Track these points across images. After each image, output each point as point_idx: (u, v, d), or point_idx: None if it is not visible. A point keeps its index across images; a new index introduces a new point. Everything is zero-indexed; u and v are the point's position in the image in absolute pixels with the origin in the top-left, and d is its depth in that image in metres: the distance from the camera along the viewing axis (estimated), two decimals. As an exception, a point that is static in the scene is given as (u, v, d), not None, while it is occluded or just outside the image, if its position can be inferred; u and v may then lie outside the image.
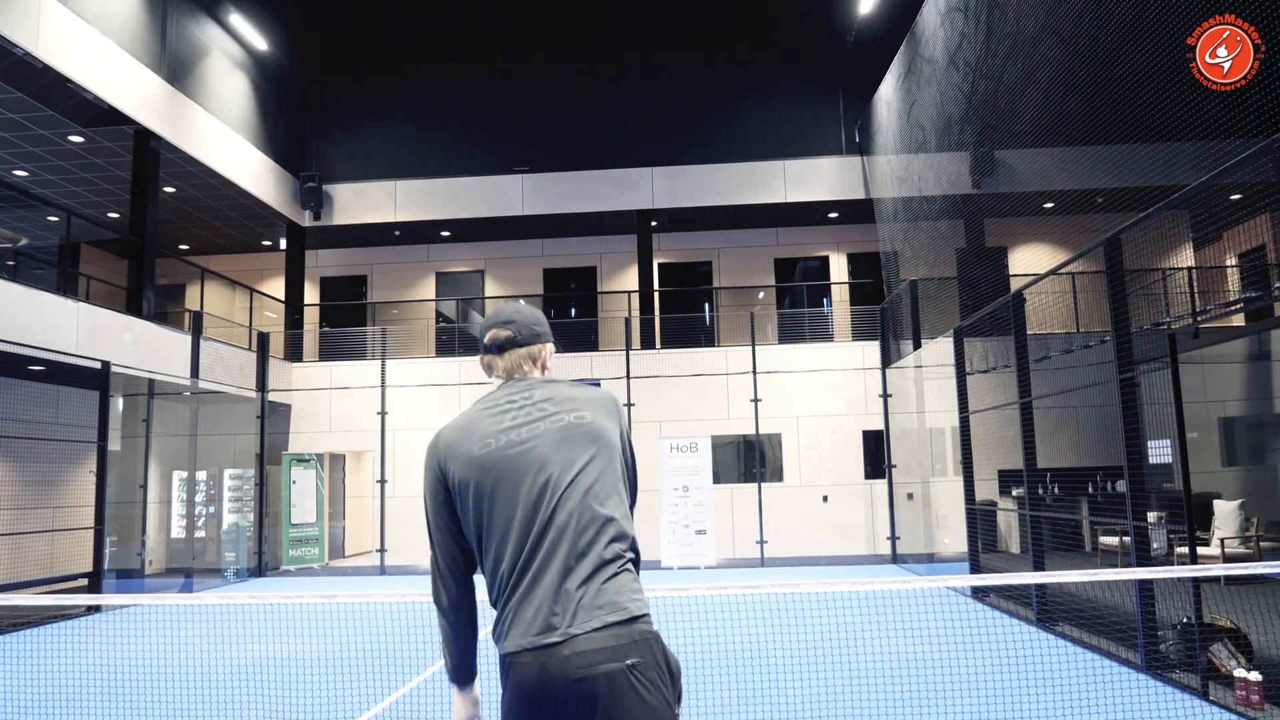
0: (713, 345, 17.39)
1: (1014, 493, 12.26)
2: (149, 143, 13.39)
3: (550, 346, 2.28)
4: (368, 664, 7.19)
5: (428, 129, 18.43)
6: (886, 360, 15.85)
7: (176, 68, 14.21)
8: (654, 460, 14.55)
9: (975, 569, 10.46)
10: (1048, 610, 8.45)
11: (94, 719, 5.74)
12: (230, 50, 16.17)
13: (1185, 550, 6.45)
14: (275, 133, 17.41)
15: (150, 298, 13.22)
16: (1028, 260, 16.80)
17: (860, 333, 16.92)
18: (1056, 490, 13.37)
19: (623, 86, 18.09)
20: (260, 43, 16.54)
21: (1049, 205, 14.18)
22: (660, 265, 18.97)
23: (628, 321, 16.52)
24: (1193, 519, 6.12)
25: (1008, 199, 12.75)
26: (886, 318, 15.97)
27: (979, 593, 10.34)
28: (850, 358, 15.94)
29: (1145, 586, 6.52)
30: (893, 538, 15.13)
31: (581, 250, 19.31)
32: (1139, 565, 6.68)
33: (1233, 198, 7.56)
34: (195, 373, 13.79)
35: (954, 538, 13.44)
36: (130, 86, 12.80)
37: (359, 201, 17.96)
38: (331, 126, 18.69)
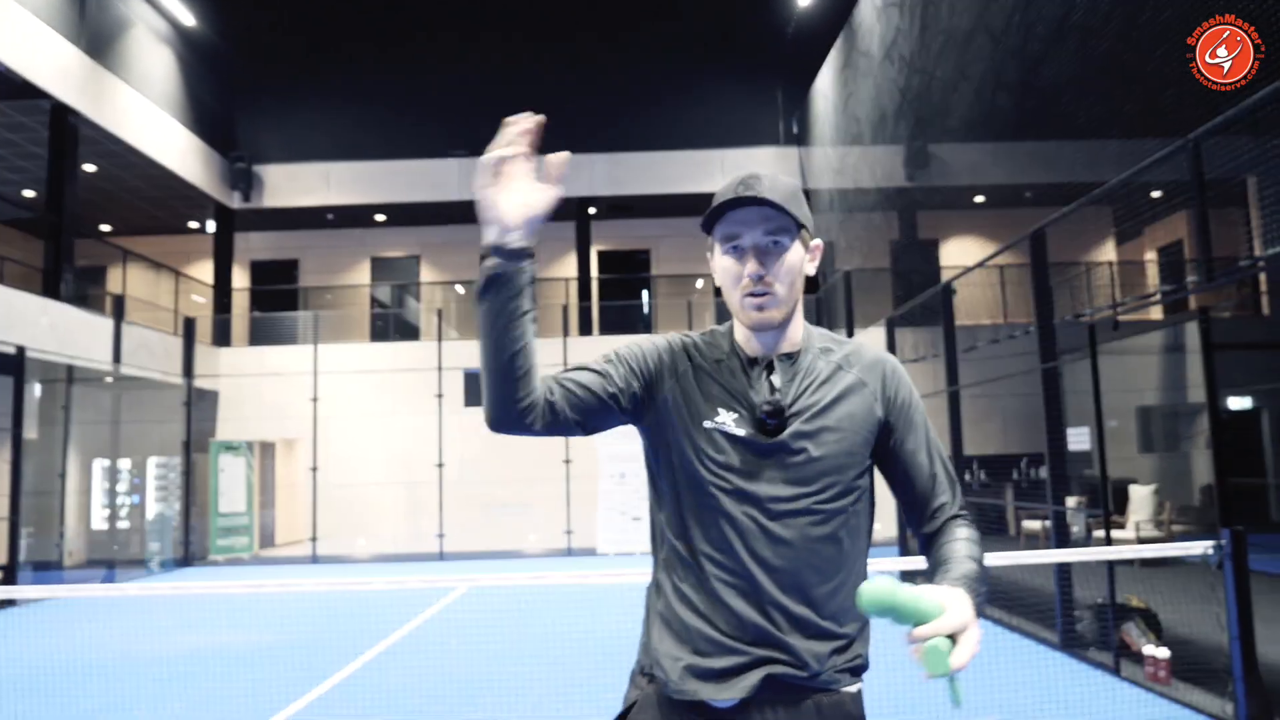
0: (651, 332, 17.44)
1: (942, 479, 12.55)
2: (67, 118, 12.89)
3: None
4: (296, 655, 7.08)
5: (363, 110, 18.08)
6: (821, 349, 16.07)
7: (97, 41, 13.68)
8: (591, 447, 14.56)
9: (904, 553, 10.70)
10: (972, 593, 8.68)
11: (12, 718, 5.56)
12: (155, 24, 15.64)
13: (1102, 534, 6.70)
14: (203, 111, 16.91)
15: (69, 280, 12.76)
16: (959, 253, 17.20)
17: (795, 322, 17.13)
18: (983, 476, 13.75)
19: (563, 72, 17.97)
20: (187, 17, 16.02)
21: (980, 199, 14.52)
22: (599, 253, 18.95)
23: (565, 309, 16.47)
24: (1109, 504, 6.35)
25: (940, 192, 13.04)
26: (822, 307, 16.20)
27: (907, 577, 10.59)
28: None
29: (1063, 569, 6.75)
30: (825, 524, 15.38)
31: (519, 236, 19.14)
32: (1058, 548, 6.91)
33: (1153, 195, 7.83)
34: (117, 358, 13.37)
35: (885, 523, 13.73)
36: (46, 59, 12.29)
37: (291, 183, 17.56)
38: (263, 106, 18.21)
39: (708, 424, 1.56)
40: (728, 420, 1.55)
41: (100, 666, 6.99)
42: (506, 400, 1.48)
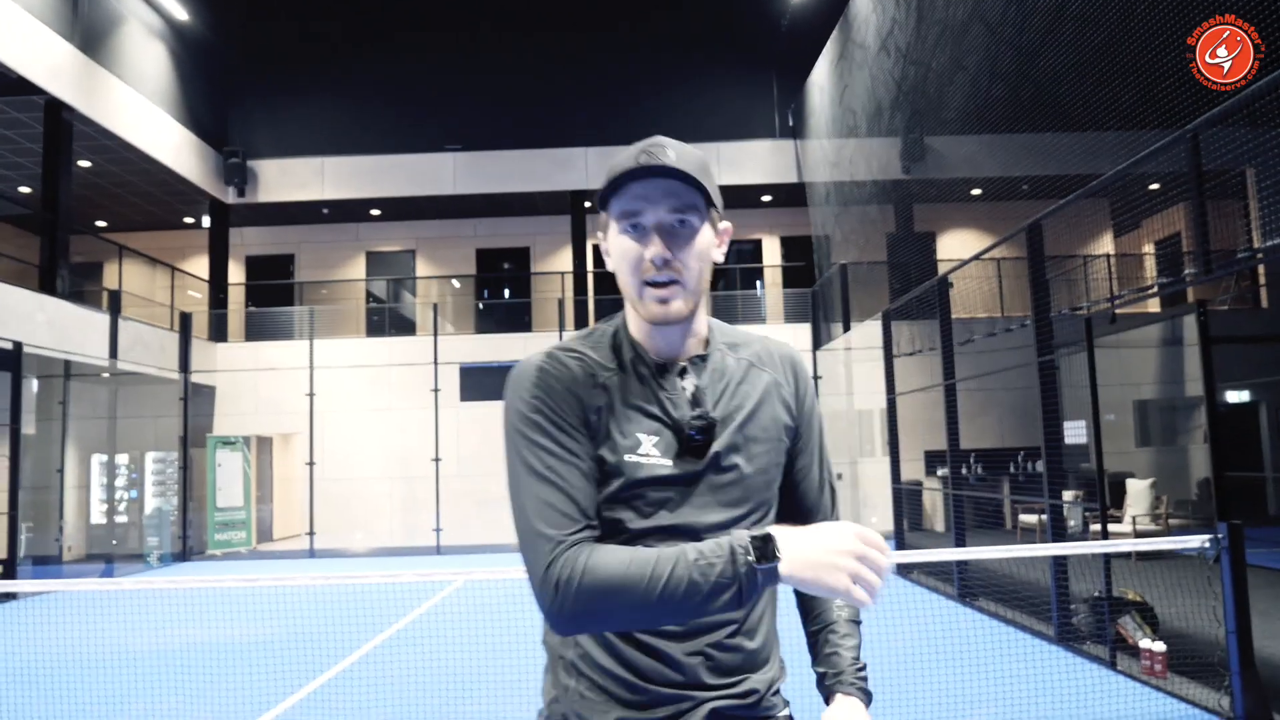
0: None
1: (939, 472, 12.56)
2: (61, 114, 12.84)
3: None
4: (294, 648, 7.07)
5: (357, 105, 18.02)
6: (817, 342, 16.08)
7: (90, 36, 13.63)
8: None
9: (900, 547, 10.70)
10: (968, 586, 8.70)
11: (11, 710, 5.55)
12: (148, 19, 15.57)
13: (1098, 527, 6.69)
14: (197, 106, 16.86)
15: (65, 276, 12.72)
16: (955, 245, 17.17)
17: (792, 315, 17.13)
18: (980, 470, 13.75)
19: (557, 65, 17.92)
20: (180, 12, 15.96)
21: (977, 192, 14.49)
22: (595, 246, 18.91)
23: (561, 303, 16.45)
24: (1105, 497, 6.34)
25: (936, 185, 13.01)
26: (818, 300, 16.19)
27: (903, 570, 10.58)
28: (782, 340, 16.08)
29: (1059, 562, 6.75)
30: (823, 517, 15.37)
31: (515, 231, 19.14)
32: (1054, 542, 6.91)
33: (1151, 187, 7.81)
34: (114, 353, 13.34)
35: (881, 517, 13.73)
36: (40, 55, 12.24)
37: (285, 178, 17.51)
38: (257, 100, 18.15)
39: (630, 457, 1.31)
40: (649, 446, 1.31)
41: (99, 660, 6.98)
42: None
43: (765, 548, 1.18)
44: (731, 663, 1.35)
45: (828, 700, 1.41)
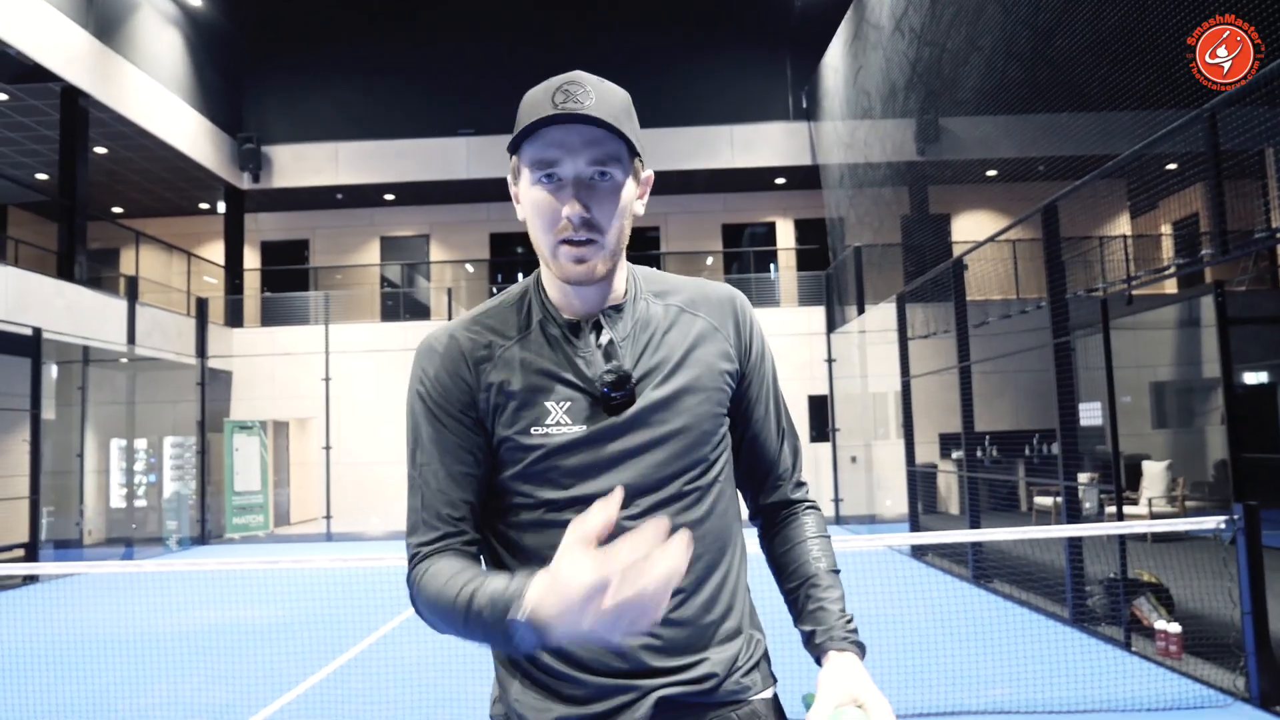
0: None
1: (953, 455, 12.55)
2: (77, 101, 12.91)
3: None
4: (313, 630, 7.16)
5: (370, 90, 18.03)
6: (831, 325, 16.04)
7: (105, 23, 13.67)
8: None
9: (915, 529, 10.71)
10: (983, 568, 8.71)
11: (36, 688, 5.65)
12: (162, 6, 15.61)
13: (1114, 509, 6.69)
14: (211, 92, 16.90)
15: (83, 262, 12.82)
16: (971, 227, 17.07)
17: (806, 298, 17.09)
18: (995, 453, 13.72)
19: (569, 48, 17.86)
20: (194, -2, 15.99)
21: (992, 173, 14.39)
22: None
23: (576, 287, 16.47)
24: (1121, 479, 6.33)
25: (951, 166, 12.93)
26: (832, 283, 16.14)
27: (918, 552, 10.60)
28: (796, 323, 16.10)
29: (1074, 544, 6.75)
30: (836, 500, 15.41)
31: (529, 215, 19.11)
32: (1069, 524, 6.90)
33: (1168, 167, 7.74)
34: (132, 339, 13.46)
35: (895, 499, 13.74)
36: (56, 42, 12.30)
37: (299, 164, 17.56)
38: (270, 86, 18.19)
39: (535, 430, 1.21)
40: (559, 414, 1.21)
41: (121, 641, 7.09)
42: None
43: (510, 621, 1.02)
44: (681, 641, 1.21)
45: (819, 660, 1.27)
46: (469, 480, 1.24)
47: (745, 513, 1.42)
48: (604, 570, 0.93)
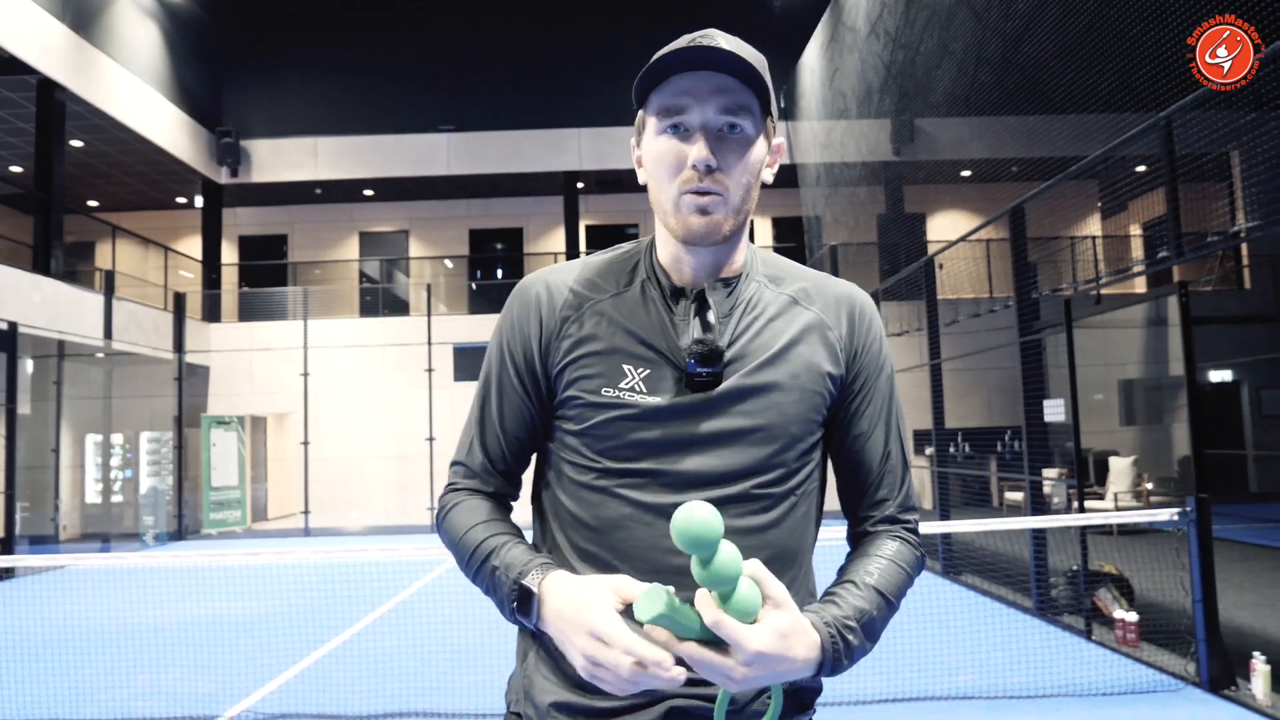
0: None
1: (926, 451, 12.75)
2: (53, 94, 12.85)
3: None
4: (291, 624, 7.23)
5: (350, 84, 18.02)
6: (808, 323, 16.19)
7: (82, 16, 13.60)
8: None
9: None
10: (952, 561, 8.91)
11: (16, 681, 5.70)
12: (140, -2, 15.54)
13: (1078, 504, 6.89)
14: (189, 86, 16.84)
15: (59, 255, 12.77)
16: (945, 227, 17.30)
17: (783, 296, 17.23)
18: (967, 449, 13.95)
19: (550, 46, 17.93)
20: (172, -9, 15.92)
21: (966, 173, 14.60)
22: (587, 227, 18.99)
23: (555, 283, 16.53)
24: (1082, 474, 6.52)
25: (926, 167, 13.13)
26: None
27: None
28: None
29: (1038, 536, 6.94)
30: (812, 495, 15.56)
31: (508, 211, 19.21)
32: (1033, 516, 7.09)
33: (1138, 169, 7.94)
34: (108, 333, 13.42)
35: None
36: (31, 34, 12.24)
37: (278, 159, 17.52)
38: (249, 80, 18.13)
39: (607, 392, 1.14)
40: (636, 380, 1.14)
41: (101, 634, 7.13)
42: None
43: (525, 603, 1.07)
44: None
45: None
46: (517, 445, 1.23)
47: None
48: (625, 654, 0.93)
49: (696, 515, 0.90)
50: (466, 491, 1.24)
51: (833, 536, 1.45)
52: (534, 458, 1.27)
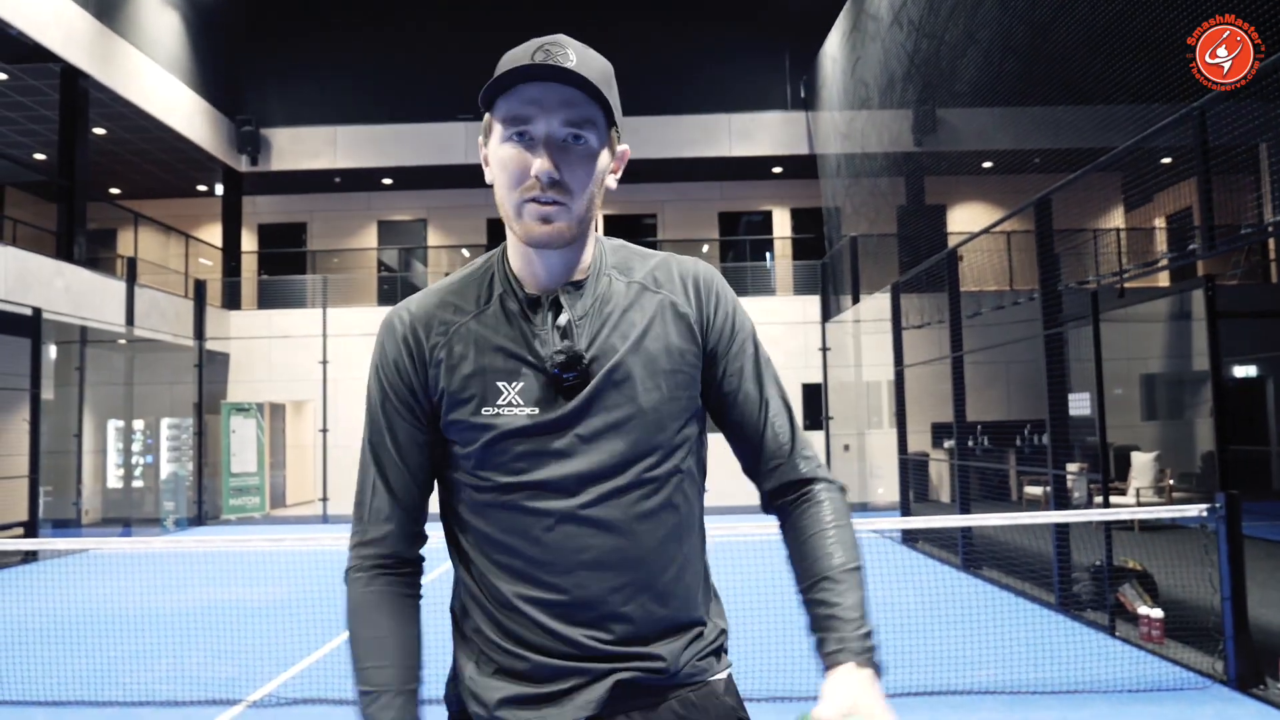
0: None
1: (945, 444, 12.67)
2: (77, 82, 12.92)
3: None
4: (312, 609, 7.27)
5: (369, 73, 18.03)
6: (826, 314, 16.15)
7: (105, 4, 13.65)
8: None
9: (906, 515, 10.85)
10: (972, 555, 8.85)
11: (43, 663, 5.75)
12: (162, -14, 15.58)
13: (1102, 499, 6.82)
14: (210, 74, 16.89)
15: (82, 243, 12.86)
16: (966, 219, 17.16)
17: (801, 287, 17.19)
18: (986, 442, 13.86)
19: (568, 35, 17.83)
20: (193, -21, 15.96)
21: (988, 165, 14.48)
22: (605, 217, 18.96)
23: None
24: (1108, 469, 6.46)
25: (948, 158, 13.00)
26: (827, 272, 16.24)
27: (909, 539, 10.74)
28: (791, 311, 16.20)
29: (1060, 531, 6.88)
30: (829, 487, 15.52)
31: (527, 201, 19.15)
32: (1055, 510, 7.03)
33: (1163, 161, 7.84)
34: (130, 320, 13.51)
35: (888, 488, 13.89)
36: (57, 22, 12.30)
37: (298, 147, 17.57)
38: (269, 69, 18.17)
39: (486, 410, 1.18)
40: (512, 394, 1.18)
41: (122, 619, 7.19)
42: None
43: None
44: (632, 634, 1.19)
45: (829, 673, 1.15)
46: (421, 473, 1.25)
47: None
48: None
49: None
50: (368, 575, 1.25)
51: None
52: (435, 487, 1.29)
